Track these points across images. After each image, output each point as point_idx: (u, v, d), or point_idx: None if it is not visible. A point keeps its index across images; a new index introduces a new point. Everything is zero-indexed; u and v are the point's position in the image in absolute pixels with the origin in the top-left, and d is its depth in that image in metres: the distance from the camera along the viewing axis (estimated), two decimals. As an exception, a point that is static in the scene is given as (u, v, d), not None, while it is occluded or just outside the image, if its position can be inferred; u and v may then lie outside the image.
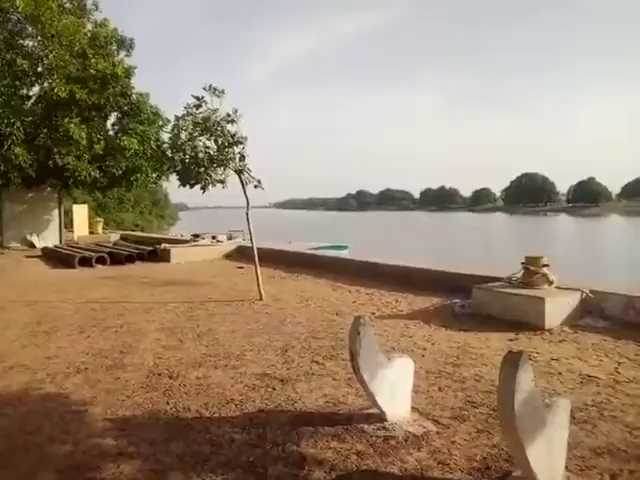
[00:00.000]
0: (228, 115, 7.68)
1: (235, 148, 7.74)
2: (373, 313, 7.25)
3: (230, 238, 18.34)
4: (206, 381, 4.53)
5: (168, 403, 4.06)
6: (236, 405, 3.97)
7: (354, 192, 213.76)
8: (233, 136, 7.67)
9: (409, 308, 7.57)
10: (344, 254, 15.67)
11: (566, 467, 2.86)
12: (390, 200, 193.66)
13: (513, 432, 2.52)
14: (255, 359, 5.15)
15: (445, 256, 27.96)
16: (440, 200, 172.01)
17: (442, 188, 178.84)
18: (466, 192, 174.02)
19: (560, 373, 4.59)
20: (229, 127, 7.70)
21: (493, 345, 5.53)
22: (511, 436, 2.58)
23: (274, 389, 4.29)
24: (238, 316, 7.19)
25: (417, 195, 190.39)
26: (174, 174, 8.36)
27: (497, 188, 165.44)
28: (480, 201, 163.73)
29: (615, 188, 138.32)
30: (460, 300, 7.41)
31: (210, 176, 7.74)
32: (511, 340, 5.76)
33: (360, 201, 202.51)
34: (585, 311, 6.40)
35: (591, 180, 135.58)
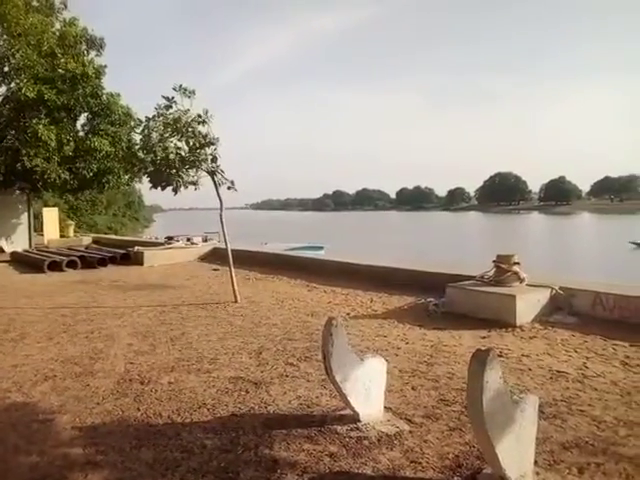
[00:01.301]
0: (199, 116, 7.59)
1: (207, 149, 7.66)
2: (348, 313, 7.26)
3: (205, 240, 18.13)
4: (178, 386, 4.46)
5: (139, 409, 3.98)
6: (208, 410, 3.92)
7: (331, 192, 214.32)
8: (205, 137, 7.58)
9: (384, 308, 7.61)
10: (320, 255, 15.69)
11: (535, 462, 2.90)
12: (366, 200, 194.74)
13: (482, 429, 2.54)
14: (229, 362, 5.10)
15: (420, 255, 28.26)
16: (416, 200, 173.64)
17: (418, 188, 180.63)
18: (441, 192, 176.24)
19: (530, 369, 4.67)
20: (200, 128, 7.61)
21: (466, 343, 5.60)
22: (480, 433, 2.61)
23: (247, 392, 4.25)
24: (212, 319, 7.11)
25: (393, 195, 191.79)
26: (145, 176, 8.23)
27: (471, 187, 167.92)
28: (455, 200, 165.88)
29: (585, 186, 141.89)
30: (434, 299, 7.48)
31: (182, 178, 7.64)
32: (483, 337, 5.83)
33: (337, 201, 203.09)
34: (555, 307, 6.53)
35: (562, 179, 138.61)
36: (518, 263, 6.94)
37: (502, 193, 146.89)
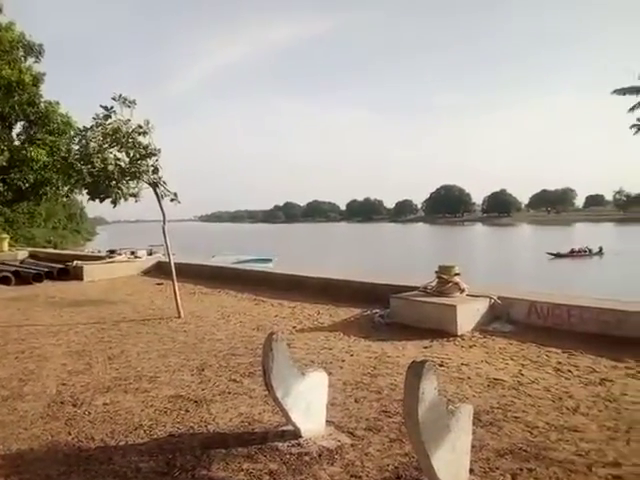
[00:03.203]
0: (140, 126, 7.39)
1: (148, 160, 7.46)
2: (294, 327, 7.22)
3: (150, 253, 17.62)
4: (114, 407, 4.27)
5: (70, 433, 3.78)
6: (145, 431, 3.77)
7: (282, 204, 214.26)
8: (145, 148, 7.39)
9: (330, 320, 7.62)
10: (269, 267, 15.59)
11: (471, 470, 2.96)
12: (317, 212, 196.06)
13: (418, 440, 2.57)
14: (169, 380, 4.94)
15: (367, 266, 28.67)
16: (365, 211, 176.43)
17: (367, 200, 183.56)
18: (390, 203, 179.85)
19: (469, 378, 4.79)
20: (141, 139, 7.42)
21: (409, 353, 5.68)
22: (417, 444, 2.63)
23: (187, 411, 4.13)
24: (154, 335, 6.88)
25: (343, 207, 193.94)
26: (83, 187, 7.92)
27: (419, 200, 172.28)
28: (403, 212, 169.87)
29: (524, 199, 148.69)
30: (379, 310, 7.57)
31: (121, 189, 7.39)
32: (426, 347, 5.94)
33: (288, 213, 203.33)
34: (494, 316, 6.75)
35: (503, 191, 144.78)
36: (459, 274, 7.15)
37: (447, 205, 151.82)
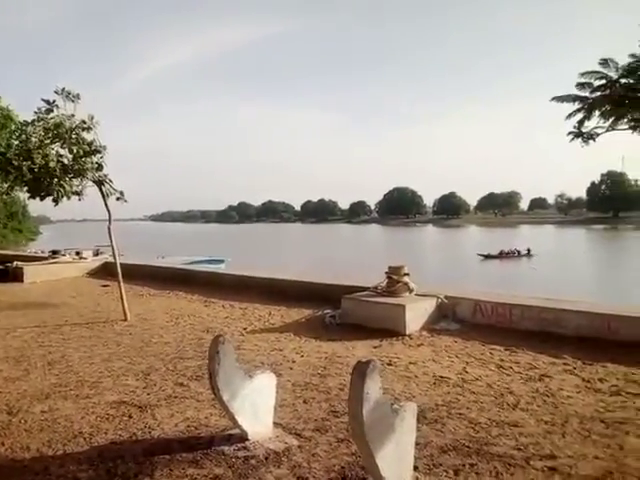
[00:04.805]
0: (84, 122, 7.11)
1: (93, 157, 7.18)
2: (245, 328, 7.15)
3: (97, 254, 17.08)
4: (52, 415, 4.09)
5: (3, 444, 3.59)
6: (85, 439, 3.63)
7: (236, 204, 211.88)
8: (90, 144, 7.11)
9: (282, 321, 7.59)
10: (220, 268, 15.38)
11: (415, 467, 3.01)
12: (272, 212, 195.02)
13: (362, 440, 2.59)
14: (112, 386, 4.77)
15: (320, 267, 28.82)
16: (320, 212, 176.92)
17: (322, 201, 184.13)
18: (344, 205, 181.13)
19: (416, 376, 4.88)
20: (85, 135, 7.14)
21: (358, 353, 5.73)
22: (361, 444, 2.66)
23: (130, 417, 4.00)
24: (98, 339, 6.64)
25: (298, 207, 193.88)
26: (23, 185, 7.56)
27: (372, 201, 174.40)
28: (357, 213, 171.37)
29: (473, 201, 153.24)
30: (331, 310, 7.60)
31: (64, 187, 7.09)
32: (375, 347, 6.01)
33: (242, 213, 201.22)
34: (441, 315, 6.92)
35: (452, 194, 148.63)
36: (408, 274, 7.28)
37: (400, 206, 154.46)
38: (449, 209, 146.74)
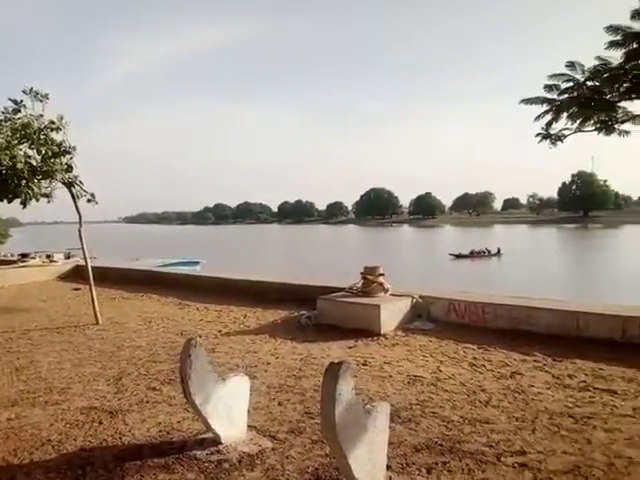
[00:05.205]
0: (52, 122, 6.95)
1: (62, 158, 7.02)
2: (220, 330, 7.09)
3: (68, 257, 16.68)
4: (19, 422, 3.98)
5: (-33, 454, 3.47)
6: (53, 447, 3.54)
7: (212, 205, 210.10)
8: (59, 145, 6.95)
9: (257, 323, 7.55)
10: (195, 270, 15.22)
11: (388, 467, 3.02)
12: (248, 213, 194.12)
13: (335, 442, 2.59)
14: (82, 391, 4.67)
15: (296, 268, 28.81)
16: (297, 213, 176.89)
17: (299, 202, 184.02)
18: (321, 205, 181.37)
19: (391, 376, 4.90)
20: (54, 135, 6.98)
21: (334, 354, 5.73)
22: (333, 446, 2.65)
23: (101, 423, 3.92)
24: (68, 344, 6.50)
25: (275, 208, 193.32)
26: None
27: (349, 202, 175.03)
28: (334, 214, 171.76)
29: (448, 202, 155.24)
30: (306, 311, 7.58)
31: (32, 189, 6.91)
32: (350, 347, 6.03)
33: (218, 215, 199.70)
34: (416, 315, 6.98)
35: (428, 195, 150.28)
36: (383, 274, 7.32)
37: (377, 207, 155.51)
38: (425, 209, 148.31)
